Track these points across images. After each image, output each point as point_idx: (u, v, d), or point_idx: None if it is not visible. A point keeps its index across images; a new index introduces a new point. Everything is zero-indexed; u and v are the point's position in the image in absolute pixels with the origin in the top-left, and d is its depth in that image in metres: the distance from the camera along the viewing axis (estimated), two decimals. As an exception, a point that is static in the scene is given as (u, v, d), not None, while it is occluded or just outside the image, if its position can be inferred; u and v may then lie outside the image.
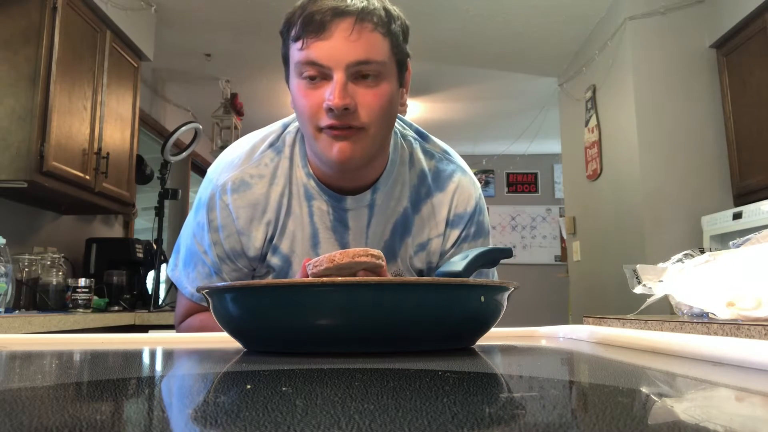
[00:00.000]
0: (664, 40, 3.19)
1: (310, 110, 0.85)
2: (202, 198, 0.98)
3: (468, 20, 3.64)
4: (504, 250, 0.71)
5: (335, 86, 0.82)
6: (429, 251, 1.01)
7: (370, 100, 0.84)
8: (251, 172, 0.96)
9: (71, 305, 2.64)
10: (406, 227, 0.99)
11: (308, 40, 0.82)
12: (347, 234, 0.97)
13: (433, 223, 1.00)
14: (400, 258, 0.99)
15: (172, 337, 0.80)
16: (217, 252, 0.97)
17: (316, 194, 0.95)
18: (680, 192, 3.05)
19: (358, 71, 0.83)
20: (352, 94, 0.83)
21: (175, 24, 3.63)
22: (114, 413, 0.29)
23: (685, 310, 1.26)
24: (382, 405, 0.28)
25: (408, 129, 1.04)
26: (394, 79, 0.88)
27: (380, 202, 0.97)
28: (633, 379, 0.41)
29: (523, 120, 5.41)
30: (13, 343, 0.70)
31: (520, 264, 6.49)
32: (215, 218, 0.96)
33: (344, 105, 0.81)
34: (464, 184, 1.02)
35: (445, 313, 0.53)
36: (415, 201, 1.00)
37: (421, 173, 1.00)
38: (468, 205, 1.01)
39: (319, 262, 0.67)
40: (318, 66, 0.83)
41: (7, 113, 2.41)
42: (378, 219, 0.97)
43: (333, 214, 0.96)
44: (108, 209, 3.15)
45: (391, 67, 0.87)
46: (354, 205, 0.95)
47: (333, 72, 0.82)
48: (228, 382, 0.40)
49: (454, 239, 1.01)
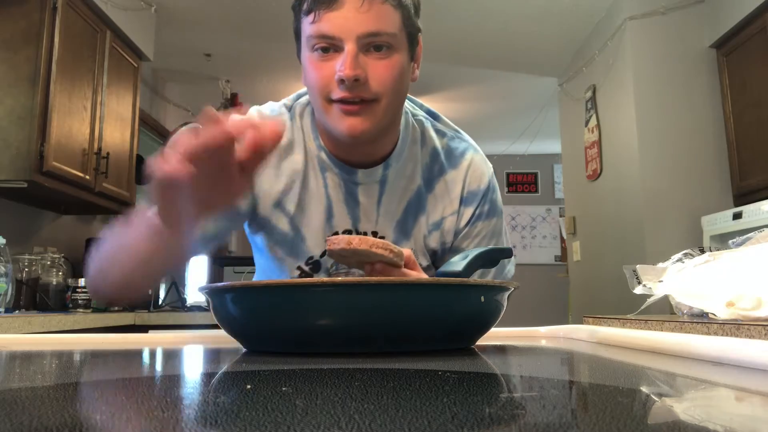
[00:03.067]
0: (664, 40, 3.19)
1: (320, 82, 0.85)
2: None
3: (468, 20, 3.64)
4: (504, 250, 0.71)
5: (346, 57, 0.82)
6: (443, 230, 1.00)
7: (381, 71, 0.84)
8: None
9: (71, 305, 2.64)
10: (419, 205, 0.99)
11: (319, 13, 0.83)
12: (358, 209, 0.96)
13: (447, 201, 1.00)
14: (413, 237, 0.98)
15: (172, 337, 0.80)
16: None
17: (328, 166, 0.95)
18: (680, 192, 3.05)
19: (369, 43, 0.83)
20: (363, 65, 0.83)
21: (175, 24, 3.63)
22: (114, 413, 0.29)
23: (685, 310, 1.26)
24: (382, 405, 0.28)
25: (418, 109, 1.04)
26: (405, 53, 0.88)
27: (392, 179, 0.96)
28: (633, 379, 0.41)
29: (523, 120, 5.41)
30: (13, 343, 0.70)
31: (520, 264, 6.46)
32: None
33: (355, 75, 0.81)
34: (477, 162, 1.02)
35: (445, 313, 0.53)
36: (428, 179, 0.99)
37: (433, 151, 1.00)
38: (481, 182, 1.01)
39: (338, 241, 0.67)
40: (329, 38, 0.83)
41: (7, 113, 2.41)
42: (389, 197, 0.97)
43: (344, 188, 0.95)
44: (108, 209, 3.14)
45: (402, 39, 0.87)
46: (365, 179, 0.95)
47: (344, 43, 0.82)
48: (228, 382, 0.40)
49: (468, 217, 1.00)
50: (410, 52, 0.90)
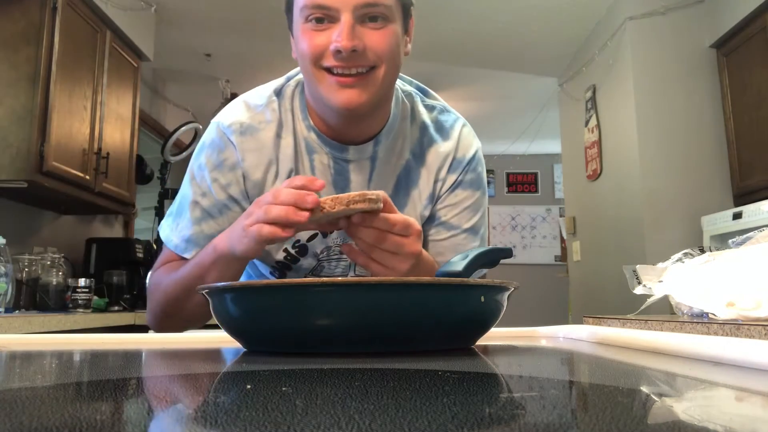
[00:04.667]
0: (664, 40, 3.19)
1: (314, 50, 0.83)
2: (206, 140, 0.96)
3: (468, 20, 3.64)
4: (504, 250, 0.71)
5: (343, 27, 0.81)
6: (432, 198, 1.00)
7: (378, 39, 0.83)
8: (258, 118, 0.94)
9: (71, 305, 2.64)
10: (409, 179, 0.98)
11: None
12: (348, 188, 0.95)
13: (437, 171, 0.99)
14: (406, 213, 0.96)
15: (172, 337, 0.80)
16: (217, 194, 0.94)
17: (317, 147, 0.94)
18: (680, 192, 3.05)
19: (365, 13, 0.82)
20: (359, 35, 0.82)
21: (175, 24, 3.63)
22: (114, 413, 0.29)
23: (685, 310, 1.26)
24: (382, 405, 0.28)
25: (407, 84, 1.04)
26: (400, 25, 0.88)
27: (382, 155, 0.95)
28: (633, 379, 0.41)
29: (523, 120, 5.41)
30: (13, 343, 0.70)
31: (520, 264, 6.49)
32: (224, 158, 0.93)
33: (353, 46, 0.80)
34: (466, 133, 1.02)
35: (445, 313, 0.53)
36: (419, 153, 0.99)
37: (422, 125, 1.00)
38: (468, 152, 1.01)
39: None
40: (325, 8, 0.82)
41: (7, 113, 2.41)
42: (380, 173, 0.96)
43: (334, 167, 0.94)
44: (108, 209, 3.15)
45: (397, 11, 0.86)
46: (356, 156, 0.94)
47: (340, 13, 0.81)
48: (228, 382, 0.40)
49: (450, 183, 1.00)
50: (404, 24, 0.89)
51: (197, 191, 0.95)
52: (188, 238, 0.96)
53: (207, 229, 0.95)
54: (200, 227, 0.95)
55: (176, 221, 0.98)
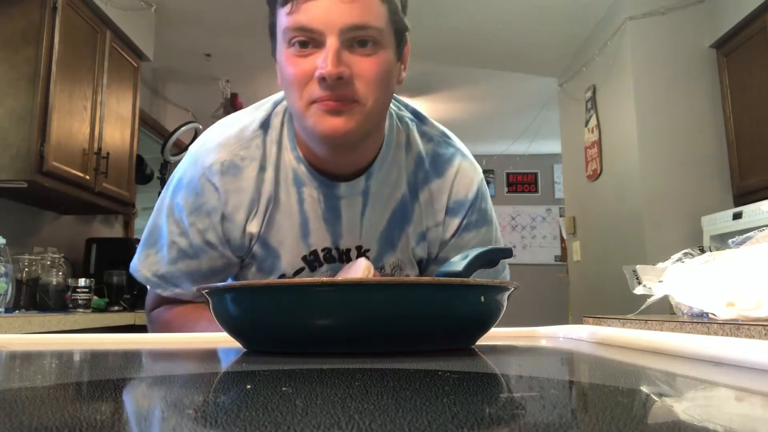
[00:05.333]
0: (664, 40, 3.18)
1: (298, 80, 0.77)
2: (185, 178, 0.90)
3: (468, 20, 3.64)
4: (504, 250, 0.71)
5: (328, 53, 0.74)
6: (429, 241, 0.94)
7: (367, 68, 0.76)
8: (241, 154, 0.88)
9: (71, 305, 2.64)
10: (405, 215, 0.92)
11: (297, 3, 0.75)
12: (339, 224, 0.90)
13: (431, 212, 0.93)
14: (399, 249, 0.93)
15: (172, 337, 0.80)
16: (194, 238, 0.89)
17: (307, 180, 0.88)
18: (680, 192, 3.05)
19: (353, 37, 0.75)
20: (347, 62, 0.75)
21: (175, 24, 3.63)
22: (114, 413, 0.29)
23: (685, 310, 1.26)
24: (382, 405, 0.28)
25: (404, 110, 0.96)
26: (392, 51, 0.80)
27: (375, 189, 0.90)
28: (633, 379, 0.41)
29: (523, 120, 5.41)
30: (13, 343, 0.70)
31: (520, 264, 6.48)
32: (202, 202, 0.88)
33: (338, 73, 0.74)
34: (464, 169, 0.95)
35: (445, 313, 0.53)
36: (413, 188, 0.92)
37: (417, 158, 0.93)
38: (469, 191, 0.94)
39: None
40: (308, 31, 0.75)
41: (7, 113, 2.41)
42: (373, 207, 0.90)
43: (324, 203, 0.89)
44: (108, 209, 3.15)
45: (389, 36, 0.79)
46: (347, 192, 0.88)
47: (325, 37, 0.74)
48: (228, 382, 0.40)
49: (455, 228, 0.94)
50: (397, 50, 0.82)
51: (174, 230, 0.91)
52: (163, 275, 0.93)
53: (183, 267, 0.92)
54: (176, 266, 0.92)
55: (146, 251, 0.94)
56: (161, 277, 0.93)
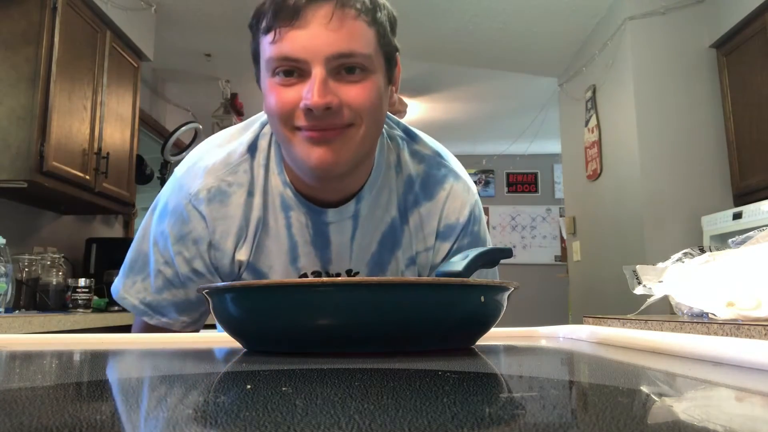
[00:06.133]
0: (664, 40, 3.19)
1: (282, 109, 0.74)
2: (170, 204, 0.87)
3: (468, 20, 3.64)
4: (504, 250, 0.71)
5: (314, 83, 0.70)
6: (419, 265, 0.91)
7: (356, 96, 0.73)
8: (229, 180, 0.85)
9: (71, 305, 2.64)
10: (394, 239, 0.89)
11: (281, 31, 0.71)
12: (329, 249, 0.87)
13: (421, 237, 0.90)
14: (389, 272, 0.91)
15: (172, 337, 0.80)
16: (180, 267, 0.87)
17: (294, 205, 0.85)
18: (680, 192, 3.05)
19: (340, 65, 0.72)
20: (334, 91, 0.72)
21: (175, 24, 3.63)
22: (114, 413, 0.29)
23: (685, 310, 1.26)
24: (382, 405, 0.28)
25: (395, 128, 0.92)
26: (382, 76, 0.77)
27: (365, 212, 0.87)
28: (633, 379, 0.41)
29: (523, 120, 5.41)
30: (13, 343, 0.70)
31: (520, 264, 6.49)
32: (188, 230, 0.86)
33: (326, 104, 0.71)
34: (456, 191, 0.91)
35: (445, 313, 0.53)
36: (403, 210, 0.89)
37: (407, 179, 0.89)
38: (461, 215, 0.90)
39: None
40: (293, 61, 0.72)
41: (7, 113, 2.41)
42: (363, 230, 0.88)
43: (313, 228, 0.86)
44: (108, 209, 3.15)
45: (378, 61, 0.76)
46: (336, 217, 0.86)
47: (311, 66, 0.71)
48: (228, 382, 0.40)
49: (445, 253, 0.91)
50: (387, 74, 0.79)
51: (159, 259, 0.88)
52: (149, 303, 0.91)
53: (170, 297, 0.90)
54: (162, 296, 0.90)
55: (132, 278, 0.92)
56: (148, 305, 0.91)
